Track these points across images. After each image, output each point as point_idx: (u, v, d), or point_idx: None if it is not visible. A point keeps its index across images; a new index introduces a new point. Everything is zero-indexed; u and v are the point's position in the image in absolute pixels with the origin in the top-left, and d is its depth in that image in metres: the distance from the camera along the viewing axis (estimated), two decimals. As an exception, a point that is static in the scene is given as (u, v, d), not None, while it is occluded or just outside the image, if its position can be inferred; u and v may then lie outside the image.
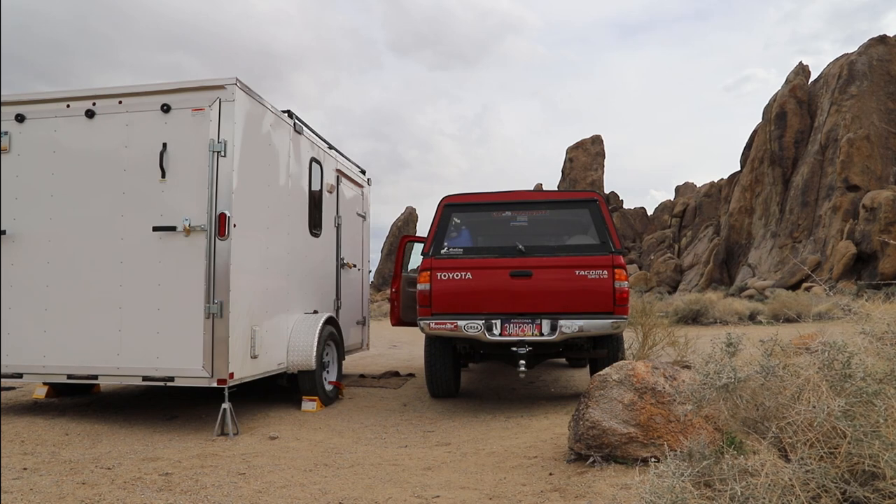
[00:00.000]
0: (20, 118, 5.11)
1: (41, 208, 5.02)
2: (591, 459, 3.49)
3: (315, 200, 6.48)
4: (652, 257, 52.81)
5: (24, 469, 3.68)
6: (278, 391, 6.24)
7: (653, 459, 2.99)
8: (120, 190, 4.90)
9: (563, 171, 67.06)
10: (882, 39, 39.58)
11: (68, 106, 5.05)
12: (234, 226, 4.75)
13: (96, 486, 3.37)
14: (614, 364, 3.83)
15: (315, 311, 6.23)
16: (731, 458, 2.45)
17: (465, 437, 4.77)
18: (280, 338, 5.57)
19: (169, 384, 4.72)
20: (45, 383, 5.78)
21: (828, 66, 42.80)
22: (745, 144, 48.44)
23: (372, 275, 9.42)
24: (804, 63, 49.61)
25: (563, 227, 6.50)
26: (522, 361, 5.53)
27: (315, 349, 5.67)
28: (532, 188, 50.68)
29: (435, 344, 6.21)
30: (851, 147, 36.39)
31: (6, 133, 5.12)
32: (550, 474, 3.51)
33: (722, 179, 52.95)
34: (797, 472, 2.23)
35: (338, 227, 7.13)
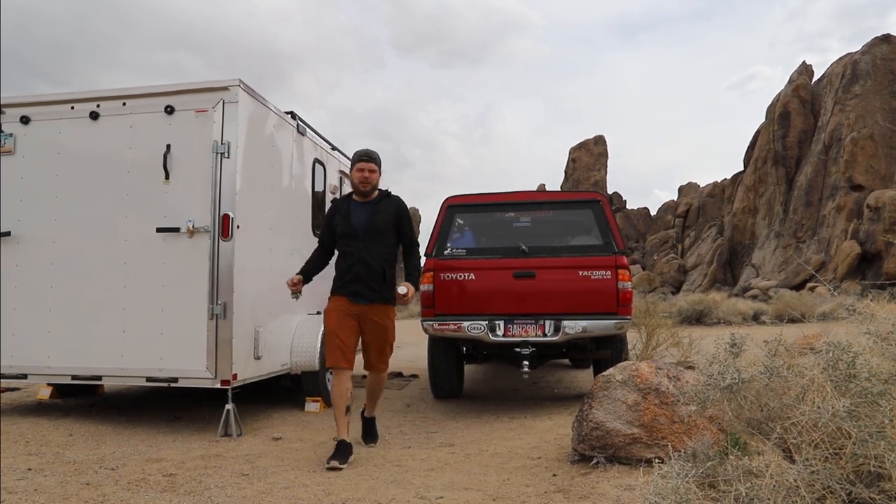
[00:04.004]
0: (25, 120, 5.12)
1: (45, 210, 5.03)
2: (594, 460, 3.49)
3: (318, 201, 6.48)
4: (655, 258, 52.74)
5: (29, 469, 3.69)
6: (282, 392, 6.24)
7: (657, 460, 2.98)
8: (124, 191, 4.91)
9: (565, 172, 67.01)
10: (886, 38, 39.46)
11: (72, 108, 5.06)
12: (238, 227, 4.76)
13: (100, 487, 3.38)
14: (618, 365, 3.82)
15: (318, 312, 6.22)
16: (735, 458, 2.44)
17: (468, 438, 4.77)
18: (283, 339, 5.57)
19: (172, 385, 4.73)
20: (49, 384, 5.79)
21: (831, 65, 42.70)
22: (748, 144, 48.35)
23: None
24: (809, 62, 49.50)
25: (567, 228, 6.49)
26: (526, 362, 5.52)
27: (318, 350, 5.67)
28: (535, 188, 50.67)
29: (438, 345, 6.21)
30: (855, 146, 36.29)
31: (11, 135, 5.14)
32: (554, 475, 3.51)
33: (725, 179, 52.86)
34: (802, 473, 2.22)
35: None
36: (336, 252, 4.39)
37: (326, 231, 4.41)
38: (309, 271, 4.37)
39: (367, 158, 4.29)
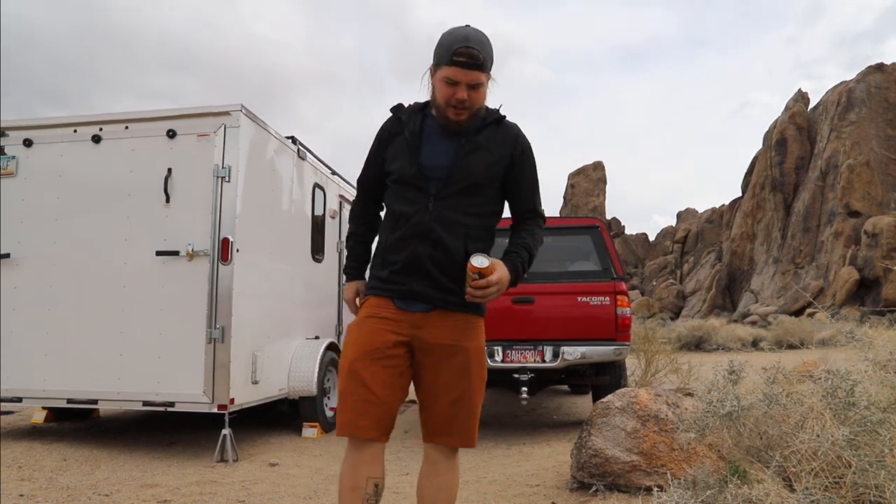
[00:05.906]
0: (28, 143, 5.16)
1: (46, 232, 5.04)
2: (593, 488, 3.45)
3: (318, 226, 6.50)
4: (654, 283, 52.73)
5: (21, 495, 3.64)
6: (279, 417, 6.19)
7: (656, 488, 2.96)
8: (125, 214, 4.93)
9: (564, 197, 67.31)
10: (879, 67, 40.00)
11: (75, 131, 5.10)
12: (237, 251, 4.77)
13: (94, 514, 3.33)
14: (617, 391, 3.81)
15: (317, 337, 6.21)
16: (734, 487, 2.42)
17: (466, 464, 4.73)
18: (281, 363, 5.55)
19: (169, 409, 4.69)
20: (44, 408, 5.75)
21: (827, 93, 43.23)
22: (746, 170, 48.69)
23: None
24: (805, 89, 50.11)
25: (565, 254, 6.51)
26: (524, 388, 5.50)
27: (316, 375, 5.64)
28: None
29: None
30: (852, 173, 36.55)
31: (13, 157, 5.17)
32: (553, 503, 3.47)
33: (723, 205, 53.11)
34: (802, 502, 2.20)
35: (340, 253, 7.14)
36: (384, 208, 2.29)
37: (374, 167, 2.26)
38: (360, 259, 2.36)
39: (469, 61, 1.98)
